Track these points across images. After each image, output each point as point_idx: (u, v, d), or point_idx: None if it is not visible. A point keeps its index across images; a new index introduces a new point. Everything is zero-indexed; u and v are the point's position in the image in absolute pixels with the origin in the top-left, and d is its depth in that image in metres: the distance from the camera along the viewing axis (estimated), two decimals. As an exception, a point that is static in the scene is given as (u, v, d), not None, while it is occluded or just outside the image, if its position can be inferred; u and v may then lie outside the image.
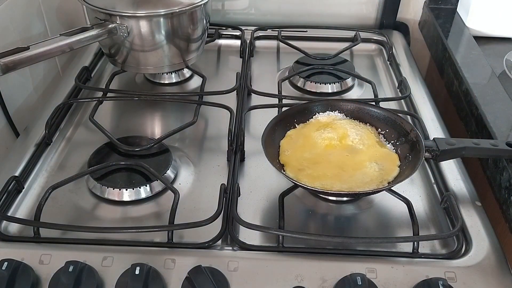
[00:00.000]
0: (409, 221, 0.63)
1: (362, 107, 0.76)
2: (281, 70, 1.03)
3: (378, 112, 0.75)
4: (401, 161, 0.69)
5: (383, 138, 0.74)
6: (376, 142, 0.71)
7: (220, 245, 0.62)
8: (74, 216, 0.67)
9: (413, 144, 0.69)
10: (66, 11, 1.09)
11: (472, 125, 0.80)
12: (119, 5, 0.83)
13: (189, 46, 0.91)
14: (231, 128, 0.78)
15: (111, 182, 0.69)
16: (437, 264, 0.59)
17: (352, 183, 0.65)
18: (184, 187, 0.71)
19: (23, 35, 0.92)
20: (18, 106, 0.90)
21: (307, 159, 0.69)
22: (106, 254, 0.58)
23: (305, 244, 0.63)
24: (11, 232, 0.64)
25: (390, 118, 0.74)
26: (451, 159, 0.70)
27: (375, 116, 0.75)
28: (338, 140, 0.71)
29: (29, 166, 0.74)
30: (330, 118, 0.76)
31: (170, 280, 0.56)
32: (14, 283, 0.54)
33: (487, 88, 0.83)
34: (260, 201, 0.69)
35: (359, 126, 0.74)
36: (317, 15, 1.17)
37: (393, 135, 0.73)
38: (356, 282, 0.53)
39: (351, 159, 0.68)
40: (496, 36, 1.03)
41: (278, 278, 0.57)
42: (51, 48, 0.74)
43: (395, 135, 0.73)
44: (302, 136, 0.73)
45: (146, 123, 0.88)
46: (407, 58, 1.05)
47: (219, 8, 1.18)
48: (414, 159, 0.67)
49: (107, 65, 1.03)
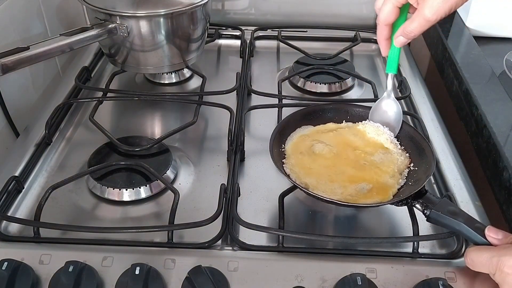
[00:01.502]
0: (409, 221, 0.63)
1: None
2: (281, 70, 1.03)
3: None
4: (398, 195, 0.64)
5: (405, 173, 0.68)
6: (388, 172, 0.67)
7: (220, 245, 0.62)
8: (74, 216, 0.67)
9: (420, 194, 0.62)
10: (66, 11, 1.09)
11: (472, 125, 0.80)
12: (119, 5, 0.83)
13: (189, 46, 0.91)
14: (231, 128, 0.78)
15: (111, 182, 0.69)
16: (437, 264, 0.59)
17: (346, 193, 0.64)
18: (184, 187, 0.71)
19: (23, 35, 0.92)
20: (18, 106, 0.90)
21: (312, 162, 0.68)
22: (106, 254, 0.58)
23: (305, 244, 0.63)
24: (11, 232, 0.64)
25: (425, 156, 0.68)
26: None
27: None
28: (364, 153, 0.70)
29: (29, 166, 0.74)
30: (377, 131, 0.73)
31: (170, 280, 0.56)
32: (14, 283, 0.54)
33: (487, 88, 0.83)
34: (260, 201, 0.69)
35: (390, 151, 0.71)
36: (317, 15, 1.17)
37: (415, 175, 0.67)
38: (356, 282, 0.53)
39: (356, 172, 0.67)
40: (496, 36, 1.03)
41: (278, 278, 0.57)
42: (51, 48, 0.74)
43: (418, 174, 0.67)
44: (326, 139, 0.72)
45: (146, 123, 0.88)
46: (407, 58, 1.05)
47: (219, 8, 1.18)
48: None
49: (107, 65, 1.03)
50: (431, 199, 0.60)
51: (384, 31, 0.66)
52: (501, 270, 0.49)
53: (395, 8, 0.63)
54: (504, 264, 0.48)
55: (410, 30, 0.63)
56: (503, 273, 0.48)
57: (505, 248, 0.50)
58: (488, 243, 0.53)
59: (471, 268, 0.53)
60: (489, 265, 0.50)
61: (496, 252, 0.50)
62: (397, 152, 0.70)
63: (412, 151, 0.70)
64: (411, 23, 0.62)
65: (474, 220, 0.57)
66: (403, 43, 0.65)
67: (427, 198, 0.60)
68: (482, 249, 0.52)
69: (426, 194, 0.61)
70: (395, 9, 0.63)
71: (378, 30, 0.67)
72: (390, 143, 0.72)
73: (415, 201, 0.61)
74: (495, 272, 0.49)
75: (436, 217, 0.58)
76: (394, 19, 0.65)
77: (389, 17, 0.64)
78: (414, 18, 0.61)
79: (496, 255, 0.50)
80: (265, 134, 0.71)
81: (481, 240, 0.54)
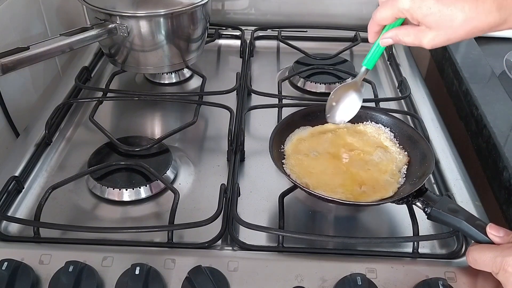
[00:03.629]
0: (409, 221, 0.63)
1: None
2: (281, 70, 1.03)
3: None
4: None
5: (404, 172, 0.68)
6: (387, 171, 0.67)
7: (220, 245, 0.62)
8: (74, 216, 0.67)
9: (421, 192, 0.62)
10: (66, 11, 1.09)
11: (472, 125, 0.80)
12: (119, 5, 0.83)
13: (189, 46, 0.91)
14: (231, 128, 0.78)
15: (111, 182, 0.69)
16: (437, 264, 0.59)
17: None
18: (184, 187, 0.71)
19: (23, 35, 0.92)
20: (18, 106, 0.90)
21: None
22: (106, 254, 0.58)
23: (305, 244, 0.63)
24: (11, 232, 0.64)
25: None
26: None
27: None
28: (362, 153, 0.70)
29: (29, 166, 0.74)
30: (377, 131, 0.74)
31: (170, 280, 0.56)
32: (14, 283, 0.54)
33: (487, 88, 0.83)
34: (260, 201, 0.69)
35: (389, 150, 0.71)
36: (317, 15, 1.17)
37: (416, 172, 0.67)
38: (356, 282, 0.53)
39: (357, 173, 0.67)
40: (496, 36, 1.03)
41: (278, 278, 0.57)
42: (51, 48, 0.74)
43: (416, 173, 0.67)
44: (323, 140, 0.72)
45: (146, 123, 0.88)
46: (407, 58, 1.05)
47: (219, 8, 1.18)
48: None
49: (107, 65, 1.03)
50: (431, 197, 0.60)
51: (376, 27, 0.64)
52: (505, 269, 0.49)
53: (393, 18, 0.62)
54: (509, 264, 0.48)
55: (400, 40, 0.60)
56: (507, 272, 0.48)
57: (509, 248, 0.50)
58: (489, 240, 0.53)
59: (473, 266, 0.53)
60: (493, 264, 0.50)
61: (500, 251, 0.50)
62: (396, 151, 0.71)
63: (410, 150, 0.71)
64: (406, 36, 0.59)
65: (475, 218, 0.57)
66: (389, 44, 0.63)
67: (427, 196, 0.60)
68: (485, 248, 0.52)
69: (427, 192, 0.61)
70: (392, 18, 0.61)
71: (371, 23, 0.64)
72: (389, 142, 0.72)
73: (415, 199, 0.61)
74: (499, 272, 0.49)
75: (437, 215, 0.58)
76: (388, 24, 0.64)
77: (383, 21, 0.63)
78: (411, 33, 0.58)
79: (500, 255, 0.50)
80: (265, 134, 0.71)
81: (482, 237, 0.54)
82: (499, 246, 0.52)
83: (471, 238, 0.56)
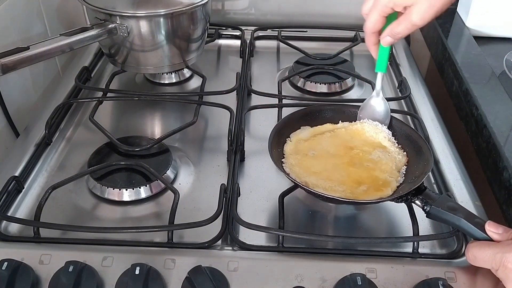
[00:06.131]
0: (409, 221, 0.63)
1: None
2: (281, 70, 1.03)
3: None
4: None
5: (403, 171, 0.68)
6: (387, 170, 0.67)
7: (220, 245, 0.62)
8: (74, 216, 0.67)
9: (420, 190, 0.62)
10: (66, 11, 1.09)
11: (472, 125, 0.80)
12: (119, 5, 0.83)
13: (189, 46, 0.91)
14: (231, 128, 0.78)
15: (111, 182, 0.69)
16: (437, 264, 0.59)
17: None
18: (184, 187, 0.71)
19: (23, 35, 0.92)
20: (18, 106, 0.90)
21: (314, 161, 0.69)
22: (106, 254, 0.58)
23: (305, 244, 0.63)
24: (11, 232, 0.64)
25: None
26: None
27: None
28: (361, 152, 0.70)
29: (29, 166, 0.74)
30: (375, 130, 0.73)
31: (170, 280, 0.56)
32: (14, 283, 0.54)
33: (487, 88, 0.83)
34: (260, 201, 0.69)
35: (388, 149, 0.71)
36: (317, 15, 1.17)
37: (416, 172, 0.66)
38: (356, 282, 0.53)
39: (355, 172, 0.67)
40: (496, 36, 1.03)
41: (278, 278, 0.57)
42: (51, 48, 0.74)
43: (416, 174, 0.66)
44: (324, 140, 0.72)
45: (146, 123, 0.88)
46: (407, 58, 1.05)
47: (219, 8, 1.18)
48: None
49: (107, 65, 1.03)
50: (430, 195, 0.60)
51: (372, 38, 0.68)
52: (505, 266, 0.49)
53: (381, 17, 0.64)
54: (508, 260, 0.49)
55: (397, 32, 0.64)
56: (507, 269, 0.49)
57: (509, 245, 0.50)
58: (488, 238, 0.53)
59: (473, 263, 0.53)
60: (492, 261, 0.50)
61: (500, 248, 0.50)
62: (395, 151, 0.71)
63: (409, 149, 0.71)
64: (398, 26, 0.63)
65: (474, 216, 0.57)
66: (390, 43, 0.66)
67: (426, 194, 0.61)
68: (484, 245, 0.52)
69: (426, 190, 0.61)
70: (381, 18, 0.65)
71: (366, 37, 0.69)
72: (388, 142, 0.72)
73: (414, 198, 0.61)
74: (498, 268, 0.50)
75: (436, 213, 0.59)
76: (380, 27, 0.66)
77: (376, 26, 0.66)
78: (401, 21, 0.63)
79: (500, 252, 0.50)
80: (265, 134, 0.71)
81: (481, 235, 0.54)
82: (498, 243, 0.52)
83: (470, 236, 0.56)
